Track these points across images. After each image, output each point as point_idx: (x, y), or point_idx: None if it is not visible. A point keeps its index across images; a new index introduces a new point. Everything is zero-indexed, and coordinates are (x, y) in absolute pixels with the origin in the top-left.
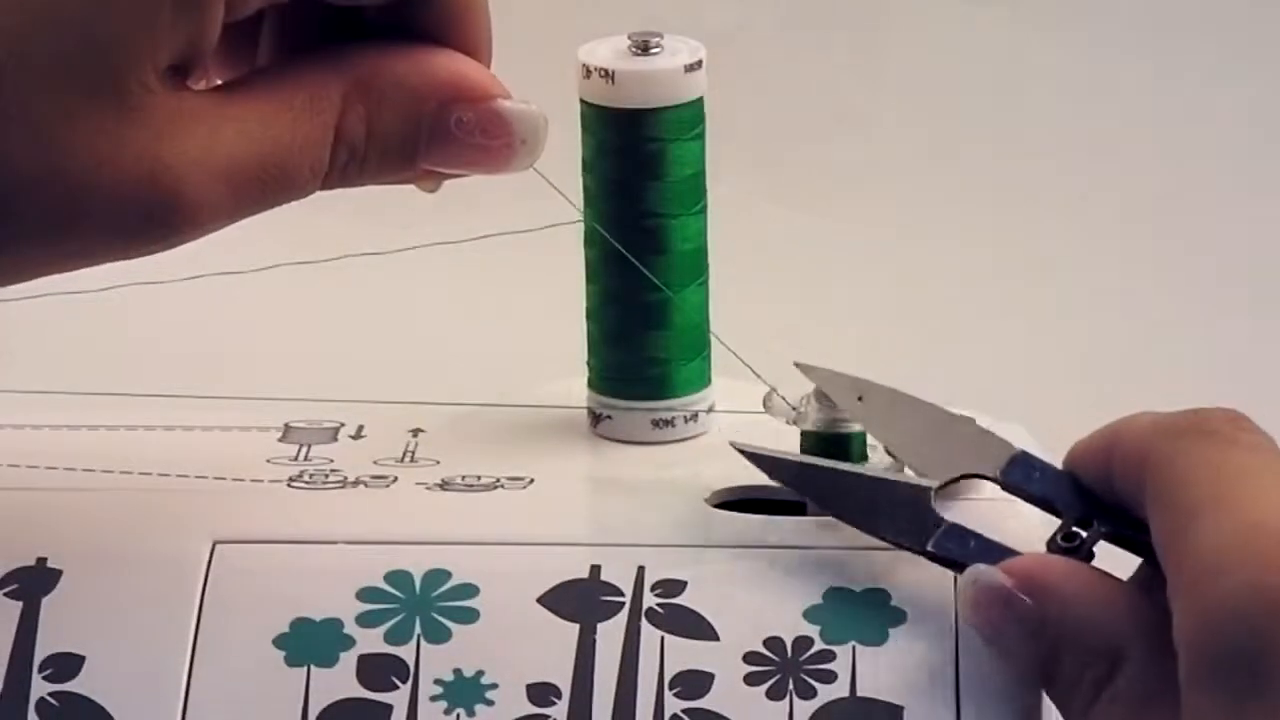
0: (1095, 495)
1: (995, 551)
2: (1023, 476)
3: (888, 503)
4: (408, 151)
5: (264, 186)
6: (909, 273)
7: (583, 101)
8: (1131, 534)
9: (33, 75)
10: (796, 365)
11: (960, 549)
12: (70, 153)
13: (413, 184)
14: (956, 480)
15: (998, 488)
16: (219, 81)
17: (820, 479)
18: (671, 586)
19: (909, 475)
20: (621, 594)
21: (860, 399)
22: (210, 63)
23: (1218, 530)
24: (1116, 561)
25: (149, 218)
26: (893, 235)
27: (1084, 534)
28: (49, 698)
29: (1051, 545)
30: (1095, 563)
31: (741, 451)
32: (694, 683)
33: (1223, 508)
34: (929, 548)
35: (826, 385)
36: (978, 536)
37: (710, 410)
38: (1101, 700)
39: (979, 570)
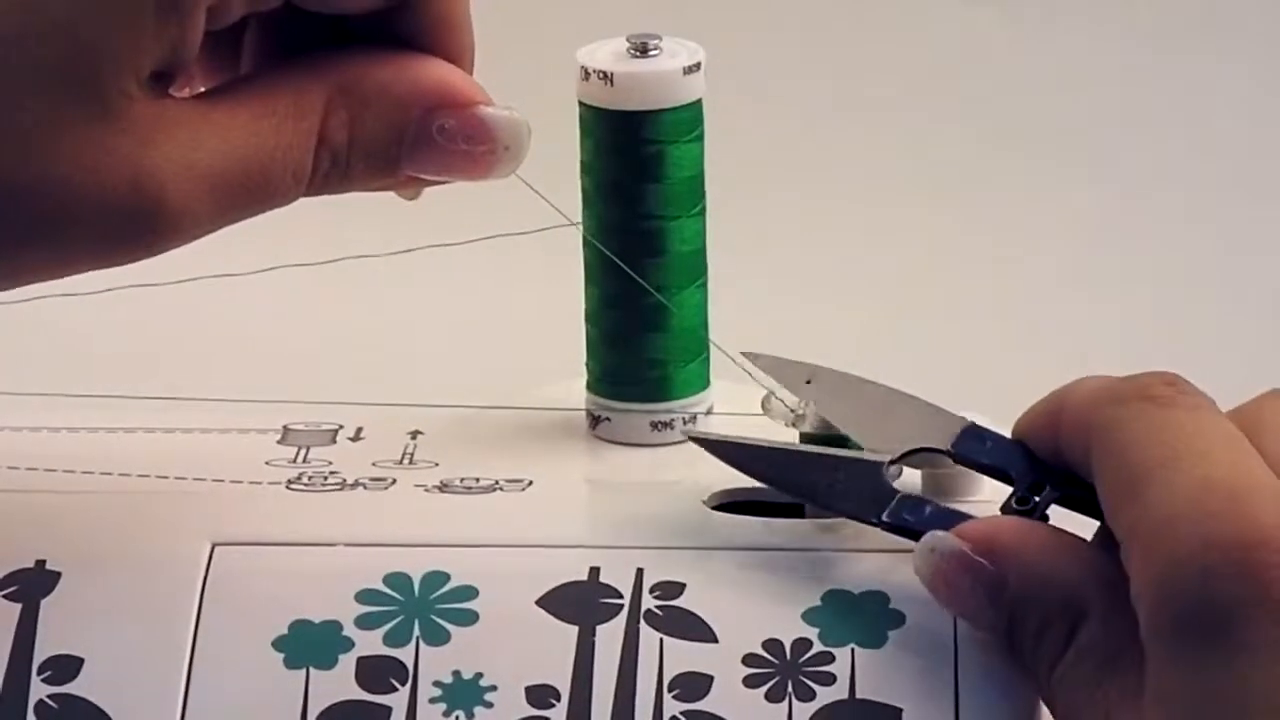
0: (1046, 462)
1: (951, 518)
2: (974, 447)
3: (843, 478)
4: (391, 158)
5: (247, 193)
6: (909, 274)
7: (581, 103)
8: (1084, 496)
9: (16, 82)
10: (743, 354)
11: (916, 518)
12: (54, 160)
13: (393, 191)
14: (909, 454)
15: (950, 460)
16: (202, 89)
17: (774, 460)
18: (670, 588)
19: (862, 451)
20: (620, 596)
21: (809, 382)
22: (194, 70)
23: (1168, 489)
24: (1074, 528)
25: (132, 224)
26: (893, 237)
27: (1036, 498)
28: (48, 700)
29: (1005, 511)
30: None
31: (694, 439)
32: (693, 685)
33: (1170, 468)
34: (885, 518)
35: (774, 372)
36: (932, 504)
37: (709, 413)
38: (1066, 659)
39: (935, 537)
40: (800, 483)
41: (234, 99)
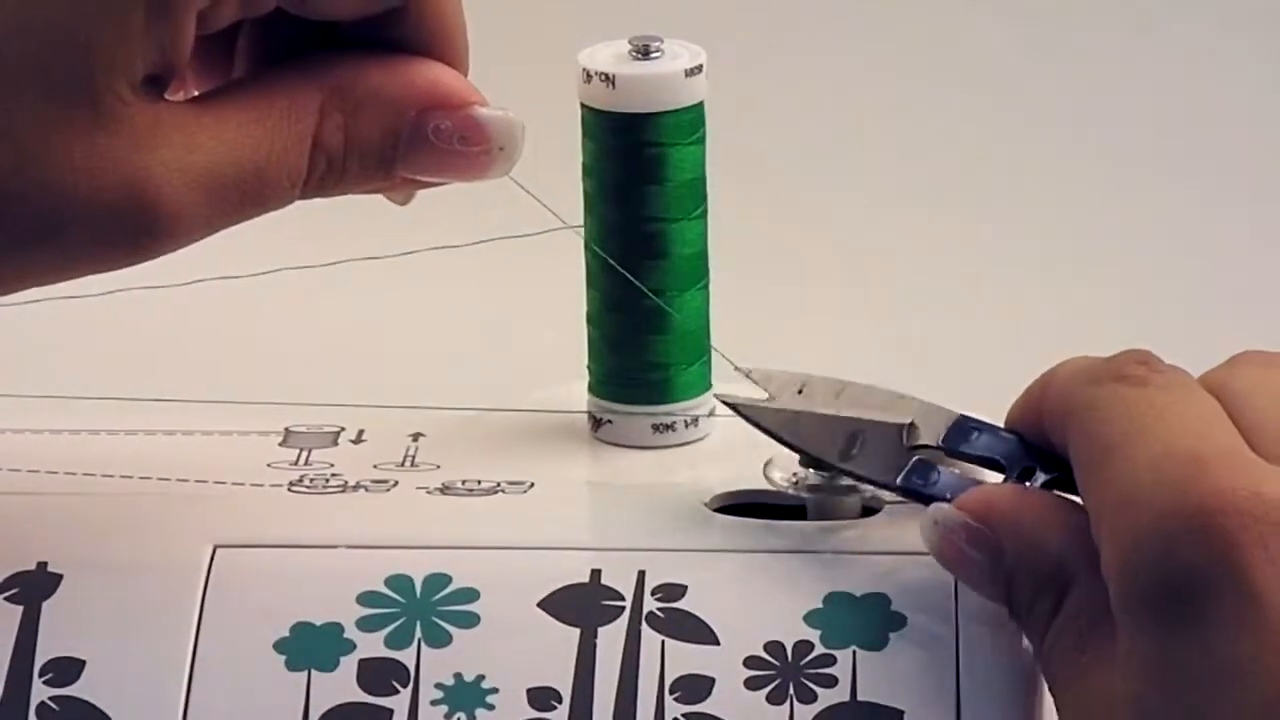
0: (1037, 448)
1: (959, 484)
2: (963, 440)
3: (862, 443)
4: (386, 160)
5: (242, 195)
6: (911, 275)
7: (583, 105)
8: (1072, 478)
9: (7, 86)
10: (737, 369)
11: (925, 483)
12: (47, 163)
13: (385, 194)
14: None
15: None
16: (196, 93)
17: (798, 423)
18: (672, 591)
19: (884, 415)
20: (622, 598)
21: (800, 391)
22: (187, 75)
23: (1131, 462)
24: None
25: (127, 228)
26: (894, 239)
27: (1027, 484)
28: (49, 702)
29: None
30: None
31: (723, 402)
32: (694, 687)
33: (1135, 442)
34: (898, 482)
35: (766, 383)
36: (942, 470)
37: (711, 415)
38: (1054, 626)
39: (937, 508)
40: (823, 446)
41: (228, 103)
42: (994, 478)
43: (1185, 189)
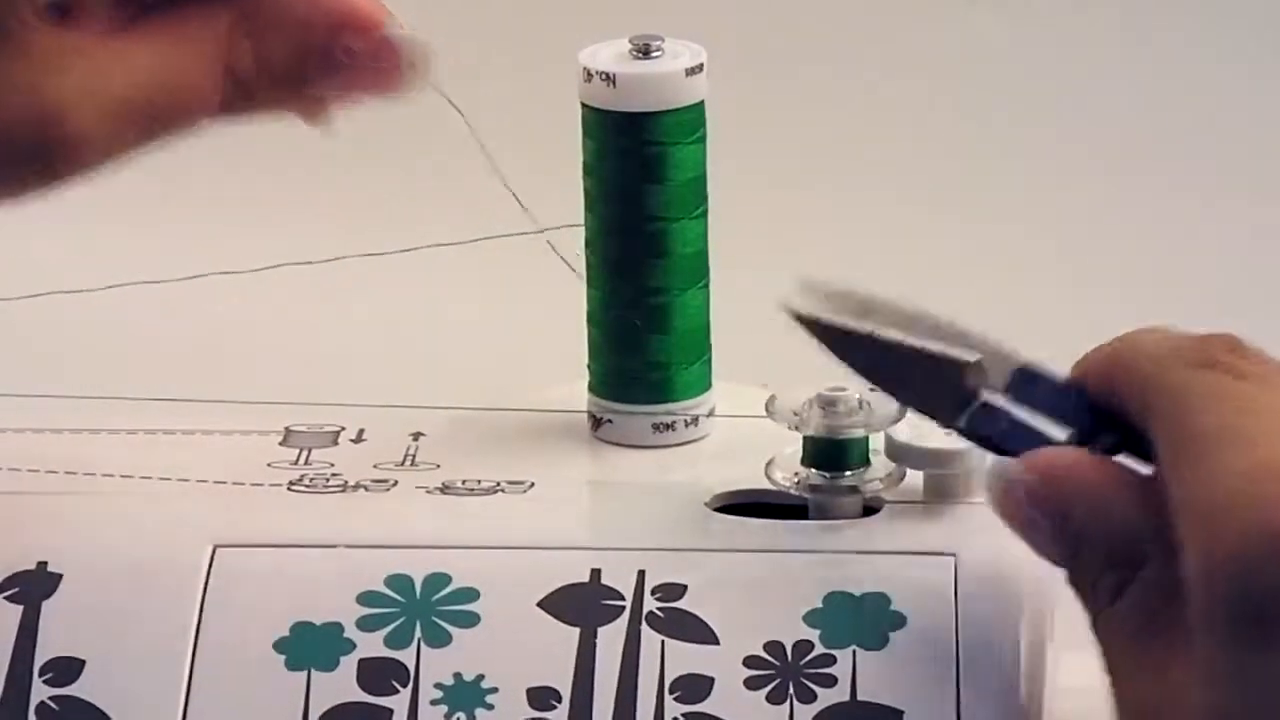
0: (1101, 407)
1: (1027, 437)
2: (1028, 389)
3: (924, 375)
4: (295, 80)
5: (152, 121)
6: (911, 276)
7: (584, 105)
8: (1141, 445)
9: None
10: (792, 313)
11: (993, 431)
12: None
13: (299, 117)
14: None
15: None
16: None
17: (862, 346)
18: (672, 590)
19: (949, 349)
20: (622, 598)
21: (865, 315)
22: (95, 4)
23: (1228, 468)
24: None
25: (36, 153)
26: (895, 239)
27: (1089, 446)
28: (49, 701)
29: None
30: None
31: (794, 316)
32: (694, 687)
33: (1233, 444)
34: (961, 424)
35: (832, 303)
36: (1011, 418)
37: (711, 414)
38: (1120, 605)
39: (1003, 464)
40: (883, 375)
41: (137, 28)
42: (1057, 430)
43: (1185, 189)
